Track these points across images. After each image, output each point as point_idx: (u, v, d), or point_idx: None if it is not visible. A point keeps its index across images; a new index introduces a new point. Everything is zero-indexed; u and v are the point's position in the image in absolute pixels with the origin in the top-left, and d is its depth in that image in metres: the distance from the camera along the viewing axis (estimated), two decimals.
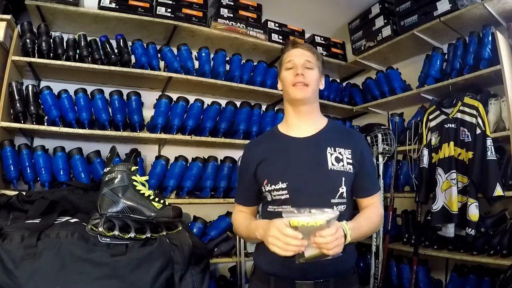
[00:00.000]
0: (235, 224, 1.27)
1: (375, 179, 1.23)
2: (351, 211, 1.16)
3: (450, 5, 2.16)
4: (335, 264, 1.00)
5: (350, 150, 1.14)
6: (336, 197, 1.09)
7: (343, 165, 1.11)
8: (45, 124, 1.95)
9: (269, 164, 1.15)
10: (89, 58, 2.06)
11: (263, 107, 2.56)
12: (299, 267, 0.99)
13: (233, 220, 1.29)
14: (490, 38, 2.01)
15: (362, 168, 1.14)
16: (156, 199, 1.40)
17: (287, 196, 1.10)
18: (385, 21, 2.61)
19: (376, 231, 1.25)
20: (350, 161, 1.13)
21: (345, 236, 0.96)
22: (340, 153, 1.13)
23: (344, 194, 1.10)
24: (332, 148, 1.13)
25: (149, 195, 1.38)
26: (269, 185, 1.12)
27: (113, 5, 2.16)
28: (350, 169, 1.12)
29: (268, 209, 1.17)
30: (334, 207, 1.07)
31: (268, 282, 1.09)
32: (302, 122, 1.20)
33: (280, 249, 0.90)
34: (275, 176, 1.11)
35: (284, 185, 1.10)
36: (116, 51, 2.16)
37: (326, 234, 0.88)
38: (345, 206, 1.11)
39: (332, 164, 1.11)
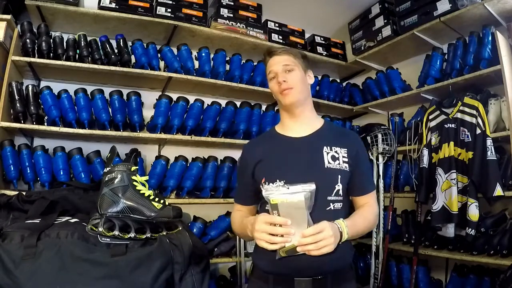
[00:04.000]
0: (232, 223, 1.31)
1: (370, 178, 1.24)
2: (348, 209, 1.18)
3: (450, 5, 2.17)
4: (332, 261, 1.04)
5: (346, 149, 1.17)
6: (333, 195, 1.11)
7: (339, 163, 1.14)
8: (45, 124, 1.94)
9: (267, 164, 1.18)
10: (89, 58, 2.06)
11: (263, 107, 2.56)
12: (297, 265, 1.03)
13: (231, 219, 1.32)
14: (490, 38, 2.01)
15: (357, 167, 1.17)
16: (156, 199, 1.40)
17: None
18: (385, 21, 2.61)
19: (371, 230, 1.26)
20: (346, 159, 1.15)
21: (341, 233, 1.01)
22: (336, 151, 1.15)
23: (340, 192, 1.12)
24: (328, 147, 1.16)
25: (149, 195, 1.38)
26: (267, 183, 1.13)
27: (113, 5, 2.16)
28: (346, 167, 1.14)
29: (266, 208, 1.16)
30: (331, 204, 1.09)
31: (267, 281, 1.10)
32: (297, 123, 1.23)
33: (265, 242, 0.96)
34: (273, 175, 1.13)
35: (281, 183, 1.10)
36: (116, 51, 2.16)
37: (307, 233, 0.94)
38: (341, 203, 1.13)
39: (329, 162, 1.13)
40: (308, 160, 1.14)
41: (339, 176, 1.12)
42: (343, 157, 1.15)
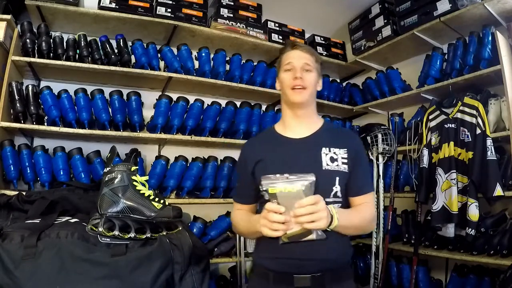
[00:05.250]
0: (234, 222, 1.31)
1: (368, 178, 1.24)
2: None
3: (450, 5, 2.16)
4: (330, 259, 1.07)
5: (345, 149, 1.17)
6: (331, 196, 1.11)
7: (337, 165, 1.14)
8: (45, 124, 1.94)
9: (266, 164, 1.18)
10: (89, 58, 2.06)
11: (263, 107, 2.56)
12: (297, 262, 1.05)
13: (233, 218, 1.32)
14: (490, 38, 2.01)
15: (355, 167, 1.16)
16: (156, 199, 1.39)
17: None
18: (385, 21, 2.61)
19: (368, 230, 1.26)
20: (345, 160, 1.15)
21: (332, 217, 1.01)
22: (335, 153, 1.16)
23: (339, 193, 1.13)
24: (327, 149, 1.16)
25: (149, 195, 1.38)
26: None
27: (113, 5, 2.16)
28: (345, 169, 1.14)
29: (264, 208, 1.18)
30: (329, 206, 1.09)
31: (268, 278, 1.11)
32: (299, 123, 1.23)
33: (268, 228, 0.98)
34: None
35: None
36: (116, 51, 2.16)
37: (304, 203, 0.95)
38: (340, 205, 1.13)
39: (327, 164, 1.13)
40: (306, 161, 1.15)
41: (337, 178, 1.13)
42: (342, 158, 1.15)
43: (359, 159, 1.18)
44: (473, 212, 1.87)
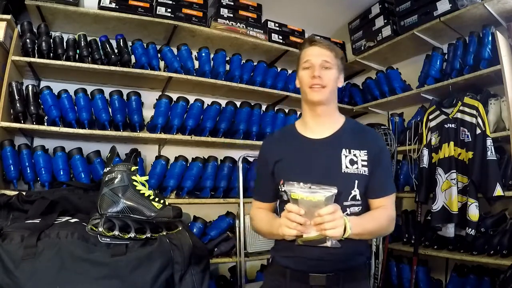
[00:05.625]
0: (255, 220, 1.28)
1: (389, 179, 1.20)
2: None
3: (450, 5, 2.16)
4: (345, 259, 1.08)
5: (366, 151, 1.14)
6: (349, 200, 1.10)
7: (357, 168, 1.12)
8: (45, 124, 1.95)
9: (286, 165, 1.17)
10: (89, 58, 2.06)
11: (263, 107, 2.56)
12: (313, 262, 1.06)
13: (253, 216, 1.30)
14: (490, 38, 2.01)
15: (376, 169, 1.14)
16: (156, 199, 1.39)
17: None
18: (385, 21, 2.61)
19: (387, 232, 1.23)
20: (365, 162, 1.13)
21: (345, 227, 0.99)
22: (355, 155, 1.13)
23: (358, 197, 1.11)
24: (347, 150, 1.13)
25: (149, 195, 1.38)
26: (285, 185, 1.13)
27: (113, 5, 2.16)
28: (364, 171, 1.12)
29: (285, 208, 1.19)
30: (347, 209, 1.09)
31: (284, 275, 1.13)
32: (319, 123, 1.20)
33: (286, 227, 0.99)
34: (291, 177, 1.11)
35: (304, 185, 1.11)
36: (116, 51, 2.16)
37: (323, 212, 0.96)
38: (359, 207, 1.12)
39: (346, 167, 1.11)
40: (326, 164, 1.13)
41: (356, 181, 1.11)
42: (362, 160, 1.13)
43: (380, 160, 1.15)
44: (473, 212, 1.87)
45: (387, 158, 1.21)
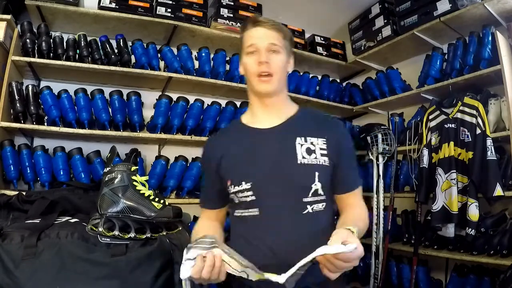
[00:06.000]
0: (192, 234, 1.08)
1: (355, 172, 1.06)
2: (332, 211, 1.03)
3: (450, 5, 2.16)
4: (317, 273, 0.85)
5: (324, 139, 0.99)
6: (309, 195, 0.95)
7: (315, 157, 0.96)
8: (45, 124, 1.95)
9: (231, 161, 1.02)
10: (89, 58, 2.06)
11: None
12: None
13: (196, 229, 1.10)
14: (490, 38, 2.01)
15: (339, 160, 0.99)
16: (156, 199, 1.39)
17: (253, 197, 0.97)
18: (385, 21, 2.61)
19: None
20: (325, 151, 0.98)
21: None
22: (312, 143, 0.98)
23: (320, 191, 0.96)
24: (302, 138, 0.98)
25: (149, 195, 1.38)
26: (233, 186, 1.00)
27: (113, 5, 2.16)
28: (325, 161, 0.97)
29: (235, 214, 1.06)
30: (308, 206, 0.96)
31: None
32: (268, 112, 1.05)
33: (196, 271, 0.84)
34: (237, 175, 0.99)
35: (248, 186, 0.97)
36: (116, 51, 2.16)
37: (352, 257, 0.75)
38: (324, 204, 0.98)
39: (303, 157, 0.96)
40: (278, 155, 0.98)
41: (316, 173, 0.95)
42: (321, 149, 0.98)
43: (342, 150, 1.01)
44: (473, 212, 1.87)
45: (350, 147, 1.07)
